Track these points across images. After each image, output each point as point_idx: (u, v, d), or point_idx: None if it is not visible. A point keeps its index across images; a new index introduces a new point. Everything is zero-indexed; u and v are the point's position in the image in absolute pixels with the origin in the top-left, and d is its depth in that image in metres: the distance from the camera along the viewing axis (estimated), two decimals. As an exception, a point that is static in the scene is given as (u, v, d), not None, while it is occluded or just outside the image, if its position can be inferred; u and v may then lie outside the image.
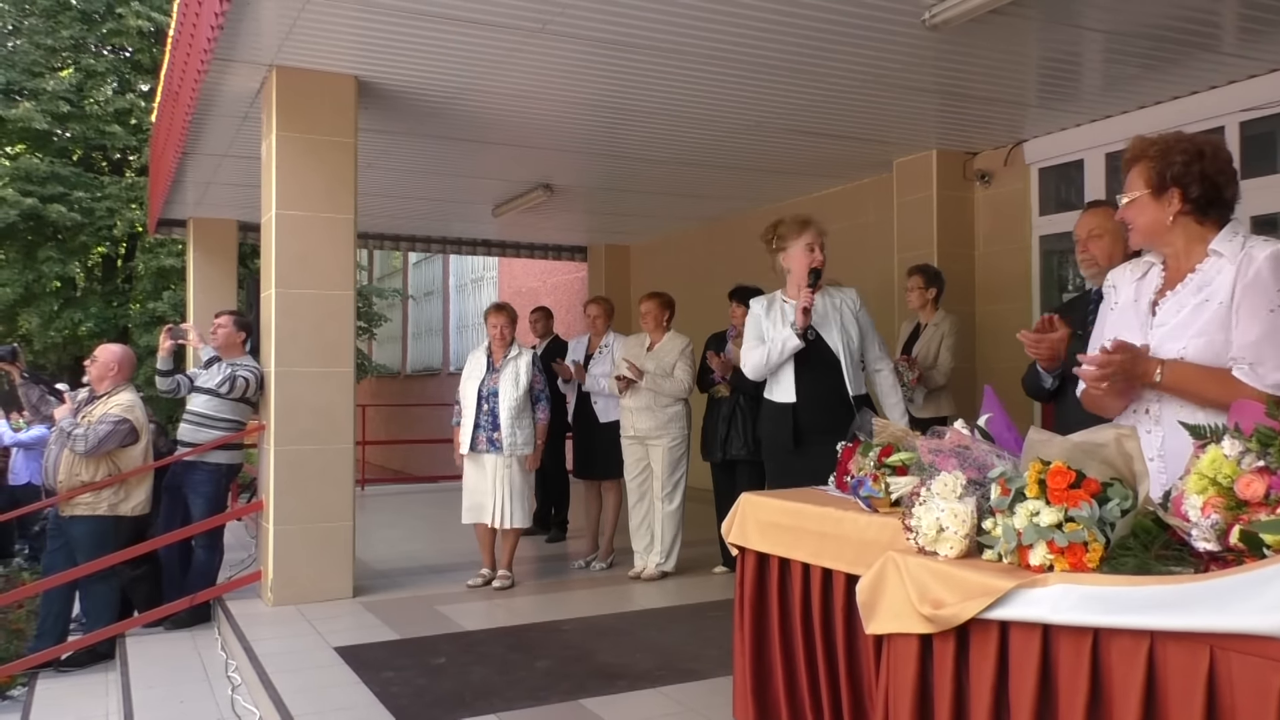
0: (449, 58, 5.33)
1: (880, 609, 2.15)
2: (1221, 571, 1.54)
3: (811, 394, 4.11)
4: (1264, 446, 1.65)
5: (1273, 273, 2.24)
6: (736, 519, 3.16)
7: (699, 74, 5.59)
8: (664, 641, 4.76)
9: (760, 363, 4.17)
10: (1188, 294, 2.36)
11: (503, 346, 6.07)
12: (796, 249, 4.19)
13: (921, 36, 4.94)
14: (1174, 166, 2.35)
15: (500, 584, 5.99)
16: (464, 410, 6.01)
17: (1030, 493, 1.91)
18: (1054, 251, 7.26)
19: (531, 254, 12.63)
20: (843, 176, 8.36)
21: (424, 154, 7.53)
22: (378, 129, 6.63)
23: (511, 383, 5.93)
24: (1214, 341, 2.28)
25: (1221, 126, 5.90)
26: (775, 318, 4.22)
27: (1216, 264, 2.34)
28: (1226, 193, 2.36)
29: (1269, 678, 1.40)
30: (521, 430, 5.92)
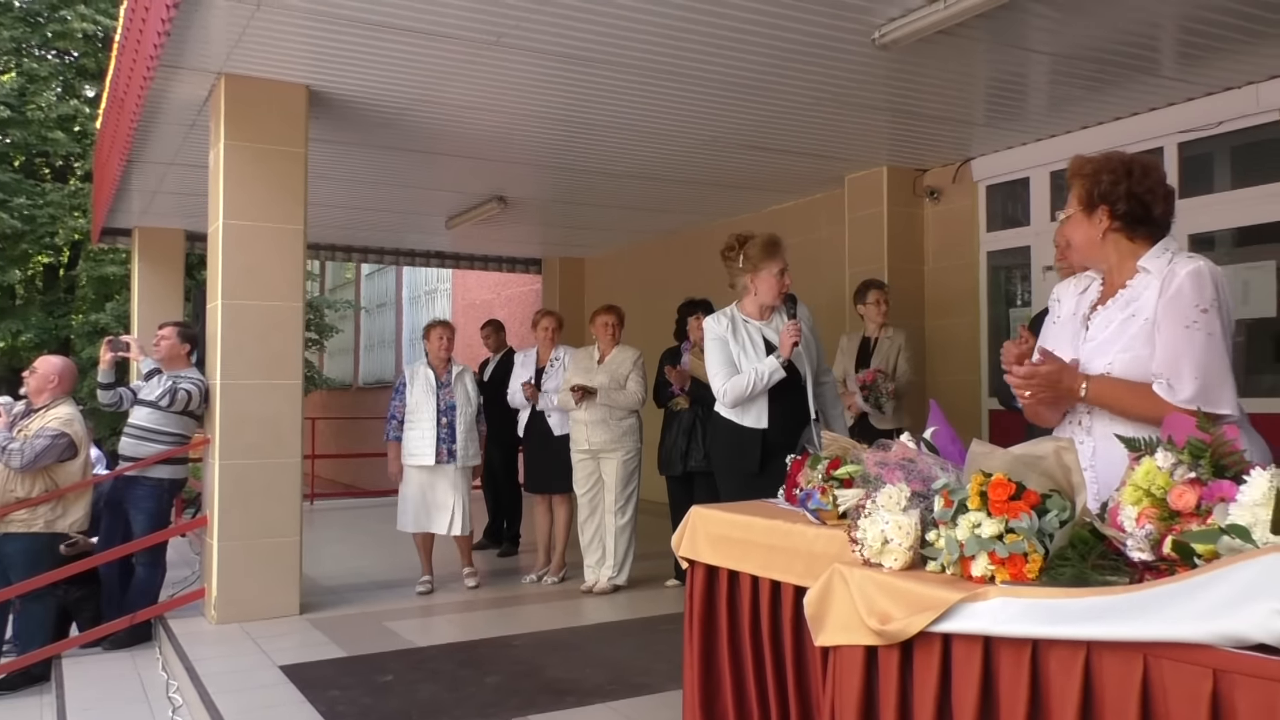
0: (402, 68, 5.30)
1: (828, 621, 2.16)
2: (1155, 581, 1.57)
3: (781, 418, 4.04)
4: (1195, 459, 1.69)
5: (1193, 289, 2.28)
6: (686, 532, 3.16)
7: (653, 89, 5.62)
8: (615, 656, 4.75)
9: (743, 393, 4.01)
10: (1116, 309, 2.42)
11: (446, 362, 6.46)
12: (767, 274, 4.11)
13: (872, 55, 5.01)
14: (1102, 184, 2.41)
15: (471, 583, 6.37)
16: (420, 424, 6.24)
17: (972, 504, 1.93)
18: (1001, 267, 7.39)
19: (485, 266, 12.58)
20: (795, 191, 8.45)
21: (377, 165, 7.47)
22: (329, 139, 6.57)
23: (464, 398, 6.37)
24: (1139, 357, 2.32)
25: (1161, 147, 6.06)
26: (744, 342, 4.11)
27: (1145, 280, 2.38)
28: (1155, 210, 2.40)
29: (1199, 684, 1.43)
30: (472, 443, 6.37)
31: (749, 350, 4.09)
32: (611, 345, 6.28)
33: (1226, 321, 2.31)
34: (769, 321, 4.18)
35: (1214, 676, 1.41)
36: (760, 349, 4.10)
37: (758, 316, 4.18)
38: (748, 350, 4.09)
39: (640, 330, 8.84)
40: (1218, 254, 6.09)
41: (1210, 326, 2.27)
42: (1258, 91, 5.55)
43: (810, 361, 4.15)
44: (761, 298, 4.15)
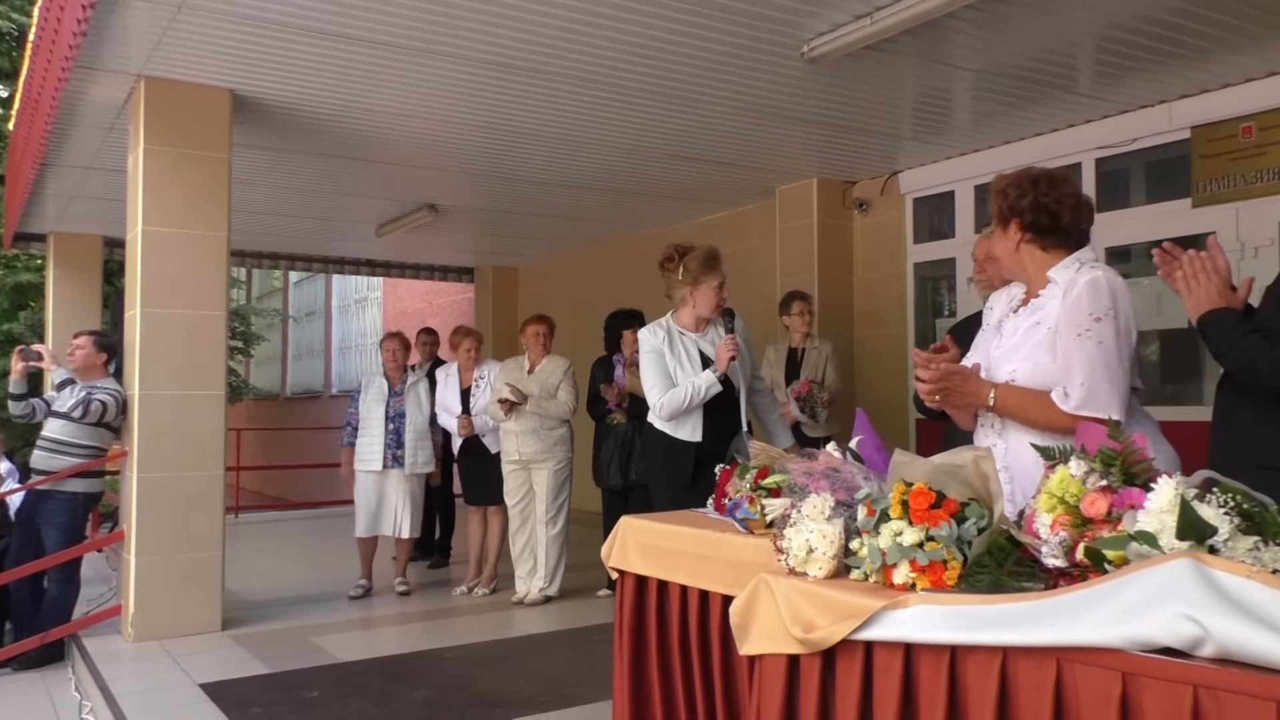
0: (331, 74, 5.22)
1: (753, 630, 2.17)
2: (1068, 587, 1.60)
3: (716, 431, 4.03)
4: (1106, 466, 1.74)
5: (1088, 298, 2.33)
6: (616, 542, 3.15)
7: (585, 98, 5.62)
8: (546, 667, 4.71)
9: (679, 407, 4.00)
10: (1024, 318, 2.49)
11: (398, 371, 6.66)
12: (706, 287, 4.09)
13: (801, 69, 5.08)
14: (1009, 198, 2.49)
15: (402, 590, 6.50)
16: (369, 431, 6.48)
17: (894, 513, 1.96)
18: (927, 278, 7.54)
19: (417, 274, 12.44)
20: (727, 202, 8.51)
21: (305, 171, 7.34)
22: (255, 144, 6.44)
23: (416, 407, 6.59)
24: (1040, 365, 2.38)
25: (1079, 163, 6.24)
26: (680, 355, 4.09)
27: (1052, 290, 2.45)
28: (1064, 220, 2.45)
29: (1109, 686, 1.46)
30: (422, 450, 6.58)
31: (685, 363, 4.07)
32: (542, 355, 6.25)
33: (1124, 330, 2.35)
34: (704, 334, 4.18)
35: (1123, 679, 1.45)
36: (696, 362, 4.08)
37: (693, 328, 4.17)
38: (684, 363, 4.07)
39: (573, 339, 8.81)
40: (1133, 266, 6.29)
41: (1101, 334, 2.32)
42: (1170, 110, 5.75)
43: (744, 374, 4.17)
44: (699, 310, 4.14)
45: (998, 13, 4.41)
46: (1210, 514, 1.50)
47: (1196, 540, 1.48)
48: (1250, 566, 1.43)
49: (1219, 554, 1.48)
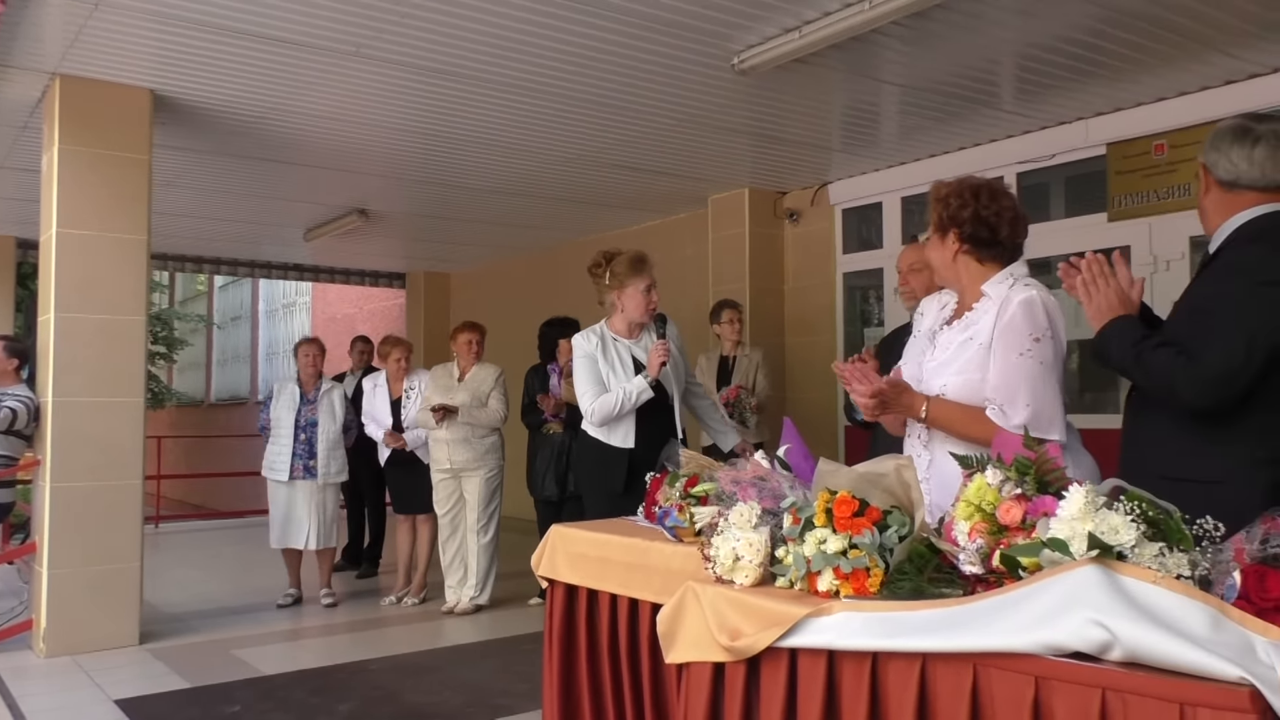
0: (256, 76, 5.12)
1: (679, 638, 2.18)
2: (984, 594, 1.64)
3: (649, 438, 4.01)
4: (1021, 475, 1.78)
5: (1025, 318, 2.37)
6: (546, 551, 3.14)
7: (516, 104, 5.60)
8: (474, 678, 4.67)
9: (610, 412, 4.00)
10: (958, 331, 2.52)
11: (314, 378, 6.49)
12: (634, 290, 4.10)
13: (732, 80, 5.13)
14: (950, 207, 2.51)
15: (328, 601, 6.35)
16: (278, 439, 6.34)
17: (818, 521, 1.98)
18: (856, 288, 7.66)
19: (347, 280, 12.25)
20: (660, 211, 8.55)
21: (230, 174, 7.18)
22: (178, 146, 6.28)
23: (329, 416, 6.42)
24: (971, 380, 2.43)
25: (1001, 176, 6.39)
26: (613, 360, 4.09)
27: (985, 305, 2.49)
28: (1001, 233, 2.48)
29: (1023, 691, 1.50)
30: (335, 460, 6.41)
31: (618, 369, 4.08)
32: (473, 363, 6.20)
33: (1058, 350, 2.42)
34: (638, 340, 4.18)
35: (1036, 683, 1.49)
36: (629, 368, 4.08)
37: (627, 335, 4.18)
38: (616, 369, 4.08)
39: (507, 346, 8.77)
40: (1053, 278, 6.45)
41: (1042, 355, 2.37)
42: (1087, 127, 5.94)
43: (678, 381, 4.17)
44: (629, 314, 4.15)
45: (923, 30, 4.51)
46: (1118, 521, 1.54)
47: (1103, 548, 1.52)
48: (1155, 572, 1.48)
49: (1126, 560, 1.53)
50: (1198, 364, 2.14)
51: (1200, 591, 1.44)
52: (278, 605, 6.29)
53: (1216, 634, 1.37)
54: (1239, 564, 1.48)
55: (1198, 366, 2.14)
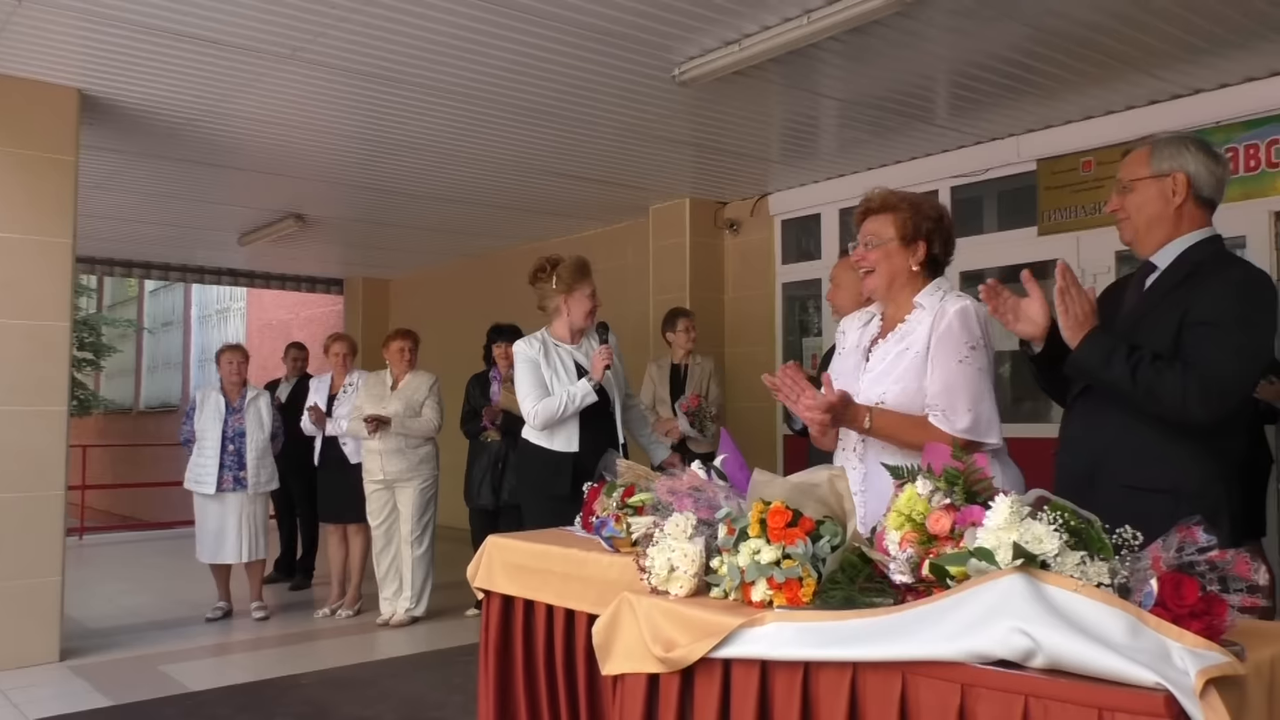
0: (189, 77, 5.01)
1: (615, 650, 2.17)
2: (912, 603, 1.66)
3: (592, 442, 4.05)
4: (950, 485, 1.81)
5: (961, 326, 2.45)
6: (483, 562, 3.12)
7: (456, 111, 5.56)
8: (409, 691, 4.60)
9: (553, 415, 3.99)
10: (893, 343, 2.57)
11: (239, 387, 6.33)
12: (580, 295, 4.13)
13: (672, 91, 5.15)
14: (928, 221, 2.56)
15: (259, 615, 6.22)
16: (204, 450, 6.14)
17: (753, 531, 2.00)
18: (795, 298, 7.74)
19: (283, 285, 12.04)
20: (602, 219, 8.56)
21: (162, 176, 7.02)
22: (107, 147, 6.13)
23: (257, 424, 6.26)
24: (909, 388, 2.48)
25: (936, 189, 6.52)
26: (556, 365, 4.10)
27: (919, 316, 2.54)
28: (950, 250, 2.63)
29: (949, 698, 1.52)
30: (265, 469, 6.26)
31: (560, 374, 4.09)
32: (406, 371, 6.13)
33: (990, 358, 2.50)
34: (579, 346, 4.20)
35: (962, 690, 1.51)
36: (572, 372, 4.10)
37: (569, 340, 4.19)
38: (559, 374, 4.09)
39: (447, 354, 8.70)
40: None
41: (979, 362, 2.45)
42: (1018, 143, 6.09)
43: (619, 387, 4.20)
44: (573, 319, 4.17)
45: (860, 45, 4.58)
46: (1041, 531, 1.58)
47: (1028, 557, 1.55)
48: (1077, 581, 1.51)
49: (1049, 569, 1.56)
50: (1214, 379, 2.18)
51: (1119, 599, 1.48)
52: (206, 619, 6.15)
53: (1134, 640, 1.40)
54: (1156, 572, 1.51)
55: (1215, 381, 2.18)
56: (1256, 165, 5.17)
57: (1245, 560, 1.55)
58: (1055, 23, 4.36)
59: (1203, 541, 1.53)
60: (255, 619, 6.18)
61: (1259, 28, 4.41)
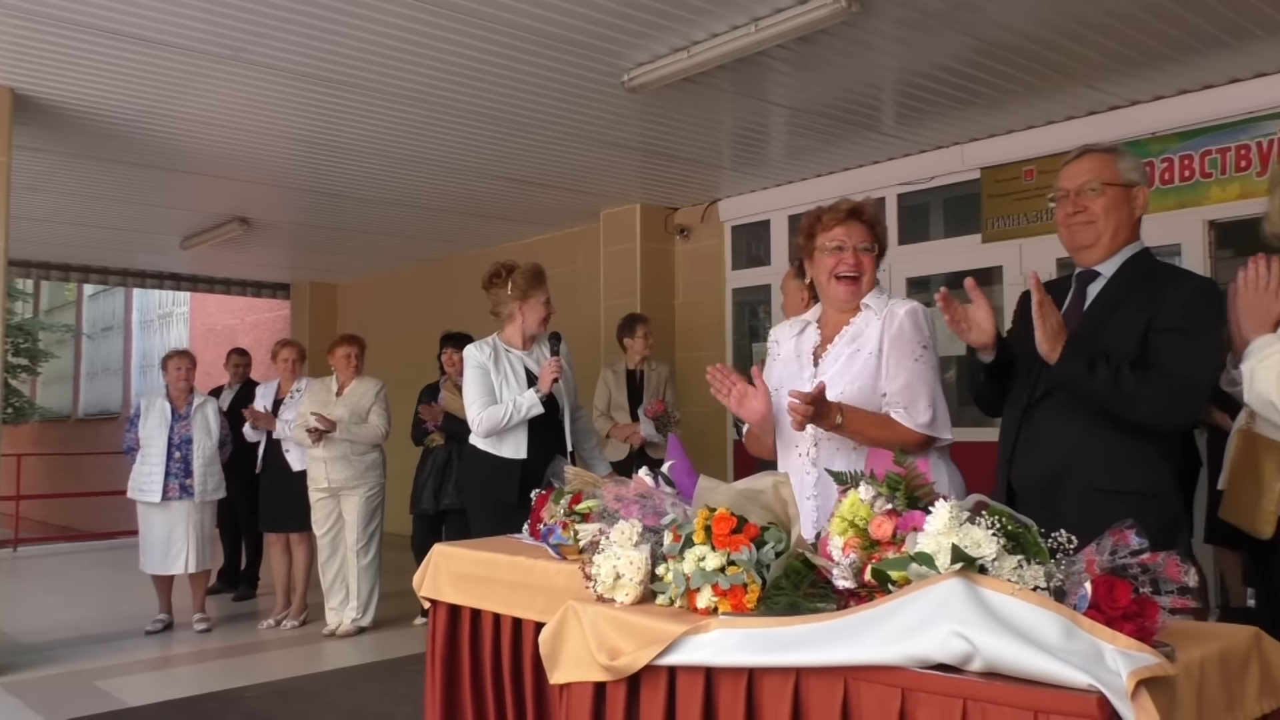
0: (126, 77, 4.91)
1: (561, 658, 2.16)
2: (855, 608, 1.68)
3: (540, 450, 4.01)
4: (892, 490, 1.83)
5: (913, 326, 2.55)
6: (429, 571, 3.09)
7: (406, 115, 5.51)
8: (355, 701, 4.54)
9: (498, 424, 3.98)
10: (843, 345, 2.64)
11: (185, 393, 6.22)
12: (535, 301, 4.13)
13: (622, 97, 5.16)
14: (885, 230, 2.74)
15: (201, 627, 6.08)
16: (149, 459, 6.01)
17: (698, 538, 2.00)
18: (745, 303, 7.79)
19: (228, 290, 11.82)
20: (552, 224, 8.53)
21: (100, 178, 6.86)
22: (41, 147, 5.98)
23: (204, 431, 6.16)
24: (864, 388, 2.56)
25: (884, 197, 6.61)
26: (505, 371, 4.07)
27: (865, 317, 2.63)
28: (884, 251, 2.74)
29: (890, 702, 1.54)
30: (212, 477, 6.14)
31: (510, 380, 4.07)
32: (352, 377, 6.05)
33: (937, 357, 2.60)
34: (530, 352, 4.18)
35: (902, 694, 1.53)
36: (522, 379, 4.08)
37: (521, 346, 4.17)
38: (509, 380, 4.07)
39: (396, 360, 8.61)
40: (930, 296, 6.70)
41: (931, 360, 2.56)
42: (963, 151, 6.19)
43: (568, 396, 4.18)
44: (527, 326, 4.16)
45: (808, 54, 4.62)
46: (980, 535, 1.60)
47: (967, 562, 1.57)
48: (1013, 585, 1.53)
49: (988, 573, 1.58)
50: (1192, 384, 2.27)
51: (1054, 602, 1.50)
52: (146, 632, 6.00)
53: (1069, 643, 1.42)
54: (1090, 575, 1.54)
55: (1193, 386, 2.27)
56: (1191, 175, 5.31)
57: (1176, 562, 1.58)
58: (998, 35, 4.44)
59: (1135, 544, 1.57)
60: (197, 631, 6.04)
61: (1192, 42, 4.53)
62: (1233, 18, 4.28)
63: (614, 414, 6.25)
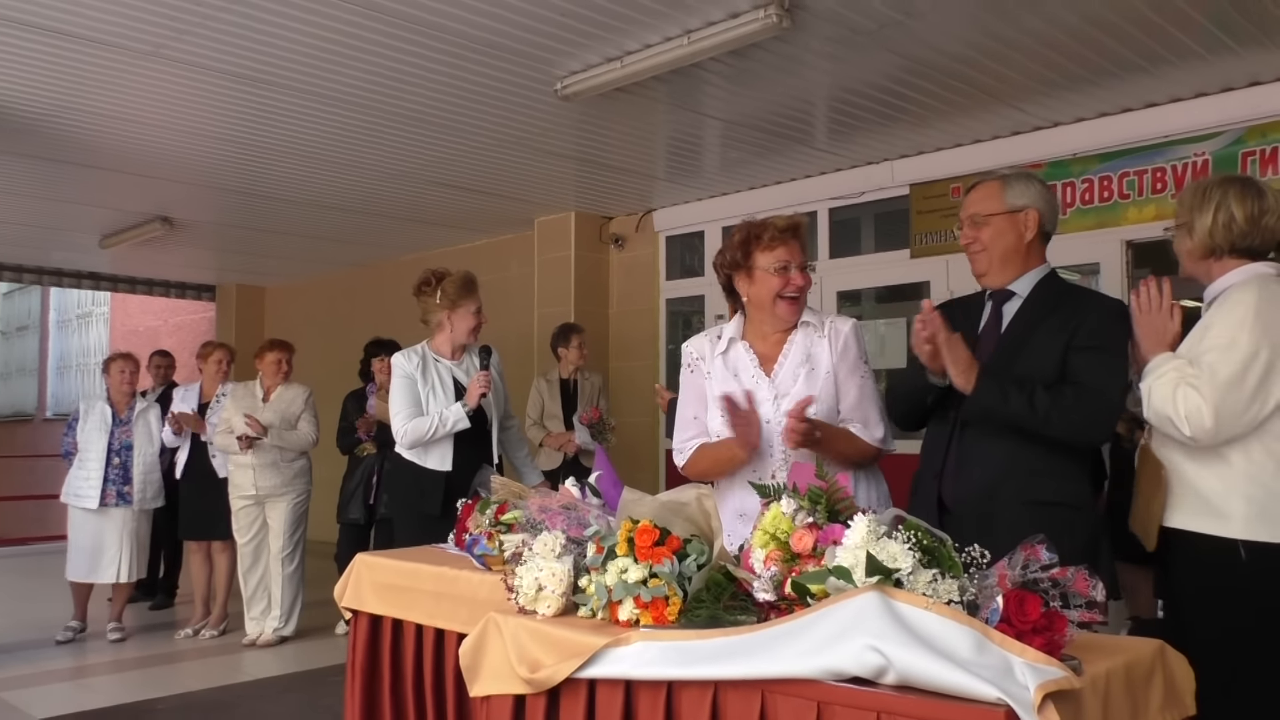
0: (42, 71, 4.74)
1: (482, 670, 2.14)
2: (773, 621, 1.69)
3: (466, 461, 3.94)
4: (814, 504, 1.85)
5: (857, 344, 2.67)
6: (351, 581, 3.04)
7: (333, 117, 5.41)
8: (275, 713, 4.44)
9: (422, 437, 3.91)
10: (797, 363, 2.67)
11: (128, 397, 6.10)
12: (464, 312, 4.05)
13: (555, 105, 5.14)
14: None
15: (116, 636, 5.93)
16: (86, 464, 5.87)
17: (620, 550, 1.99)
18: (679, 313, 7.82)
19: (150, 290, 11.50)
20: (486, 231, 8.47)
21: (14, 173, 6.61)
22: (-50, 141, 5.75)
23: (146, 437, 6.04)
24: (828, 406, 2.64)
25: (815, 211, 6.69)
26: (434, 382, 4.00)
27: (807, 334, 2.68)
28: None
29: (806, 715, 1.55)
30: (151, 485, 6.03)
31: (438, 391, 3.99)
32: (279, 383, 5.92)
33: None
34: (460, 362, 4.11)
35: (818, 708, 1.54)
36: (450, 390, 4.01)
37: (450, 355, 4.10)
38: (436, 391, 3.99)
39: (324, 366, 8.47)
40: (861, 309, 6.81)
41: (872, 376, 2.68)
42: (893, 168, 6.29)
43: (498, 407, 4.13)
44: (456, 336, 4.09)
45: (741, 68, 4.66)
46: (897, 549, 1.62)
47: (883, 575, 1.59)
48: (927, 599, 1.56)
49: (904, 587, 1.60)
50: (1108, 400, 2.37)
51: (966, 616, 1.53)
52: (57, 641, 5.81)
53: (980, 656, 1.45)
54: (1002, 589, 1.57)
55: (1109, 402, 2.38)
56: (1110, 196, 5.47)
57: (1084, 577, 1.62)
58: (926, 54, 4.53)
59: (1045, 559, 1.60)
60: (111, 640, 5.86)
61: (1111, 67, 4.68)
62: (1149, 44, 4.42)
63: (547, 423, 6.23)
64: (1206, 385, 2.22)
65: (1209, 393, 2.21)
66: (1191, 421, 2.22)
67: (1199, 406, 2.21)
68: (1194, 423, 2.22)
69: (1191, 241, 2.45)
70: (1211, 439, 2.23)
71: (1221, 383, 2.21)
